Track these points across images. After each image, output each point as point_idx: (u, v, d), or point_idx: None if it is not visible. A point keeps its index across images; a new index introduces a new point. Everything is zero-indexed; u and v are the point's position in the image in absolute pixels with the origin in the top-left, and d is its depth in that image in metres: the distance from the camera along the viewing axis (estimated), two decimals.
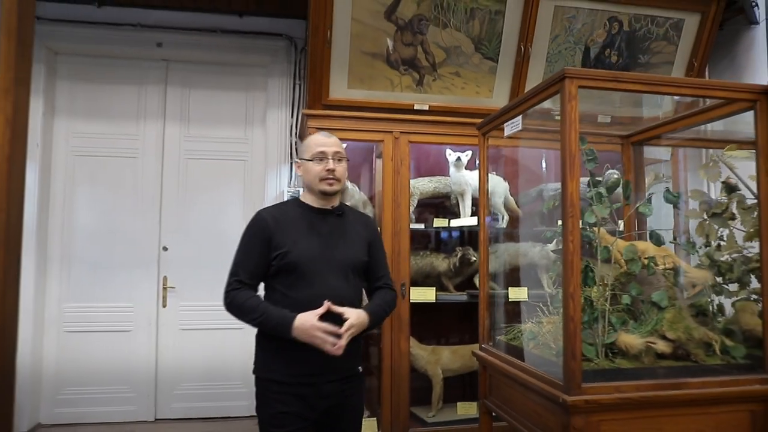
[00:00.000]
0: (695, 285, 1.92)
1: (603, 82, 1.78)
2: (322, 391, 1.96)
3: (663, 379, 1.76)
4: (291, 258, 1.92)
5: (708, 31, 3.86)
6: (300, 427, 1.96)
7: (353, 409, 2.09)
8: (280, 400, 1.95)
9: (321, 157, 2.01)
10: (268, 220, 1.99)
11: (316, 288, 1.91)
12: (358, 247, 2.05)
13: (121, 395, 4.05)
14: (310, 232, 1.98)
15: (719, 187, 2.19)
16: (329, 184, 2.01)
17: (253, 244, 1.99)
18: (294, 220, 2.00)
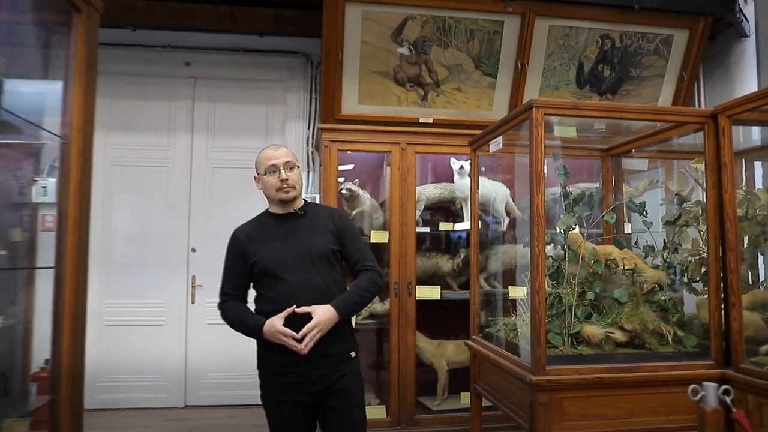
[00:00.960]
0: (647, 282, 2.21)
1: (566, 110, 2.09)
2: (311, 376, 2.06)
3: (618, 364, 2.05)
4: (261, 263, 2.11)
5: (696, 46, 4.10)
6: (297, 413, 2.10)
7: (348, 392, 2.13)
8: (277, 390, 2.11)
9: (273, 169, 2.16)
10: (240, 237, 2.21)
11: (288, 283, 2.06)
12: (322, 238, 2.16)
13: (154, 383, 4.45)
14: (275, 237, 2.15)
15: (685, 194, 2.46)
16: (285, 192, 2.15)
17: (232, 259, 2.22)
18: (262, 230, 2.20)
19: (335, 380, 2.10)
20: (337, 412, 2.11)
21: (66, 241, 1.68)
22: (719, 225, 2.14)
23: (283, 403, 2.10)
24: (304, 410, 2.11)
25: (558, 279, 2.25)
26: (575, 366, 2.03)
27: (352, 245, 2.22)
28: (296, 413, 2.10)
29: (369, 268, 2.21)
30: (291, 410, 2.09)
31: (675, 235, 2.32)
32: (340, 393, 2.10)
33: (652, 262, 2.29)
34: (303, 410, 2.10)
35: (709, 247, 2.15)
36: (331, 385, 2.09)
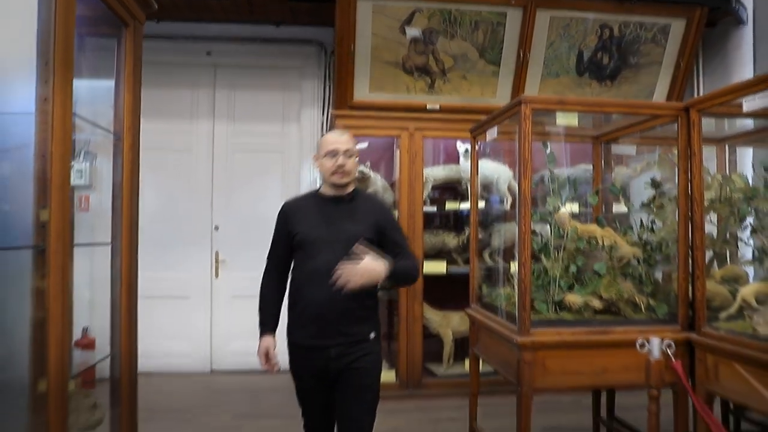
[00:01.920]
0: (623, 257, 2.48)
1: (551, 105, 2.35)
2: (330, 354, 2.13)
3: (594, 327, 2.34)
4: (299, 238, 2.20)
5: (693, 34, 4.28)
6: (314, 386, 2.21)
7: (364, 371, 2.18)
8: (299, 360, 2.22)
9: (333, 154, 2.21)
10: (287, 210, 2.32)
11: (320, 262, 2.11)
12: (363, 226, 2.20)
13: (182, 350, 4.84)
14: (319, 217, 2.23)
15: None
16: (340, 176, 2.21)
17: (277, 230, 2.33)
18: (308, 207, 2.28)
19: (353, 360, 2.15)
20: (351, 389, 2.16)
21: (121, 220, 2.00)
22: (688, 207, 2.40)
23: (304, 374, 2.22)
24: (323, 383, 2.19)
25: (545, 254, 2.54)
26: (557, 329, 2.32)
27: (393, 235, 2.26)
28: (315, 385, 2.20)
29: (409, 255, 2.26)
30: (311, 381, 2.20)
31: (650, 215, 2.59)
32: (356, 372, 2.16)
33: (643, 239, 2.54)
34: (321, 383, 2.19)
35: (678, 226, 2.42)
36: (348, 364, 2.15)
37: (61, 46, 1.45)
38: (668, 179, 2.64)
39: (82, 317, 3.84)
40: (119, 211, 2.02)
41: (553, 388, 2.33)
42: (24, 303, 1.44)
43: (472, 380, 3.01)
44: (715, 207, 2.57)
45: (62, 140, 1.46)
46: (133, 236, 2.05)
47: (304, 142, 4.91)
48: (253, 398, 4.20)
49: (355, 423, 2.15)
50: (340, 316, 2.14)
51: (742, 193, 2.39)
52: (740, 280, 2.66)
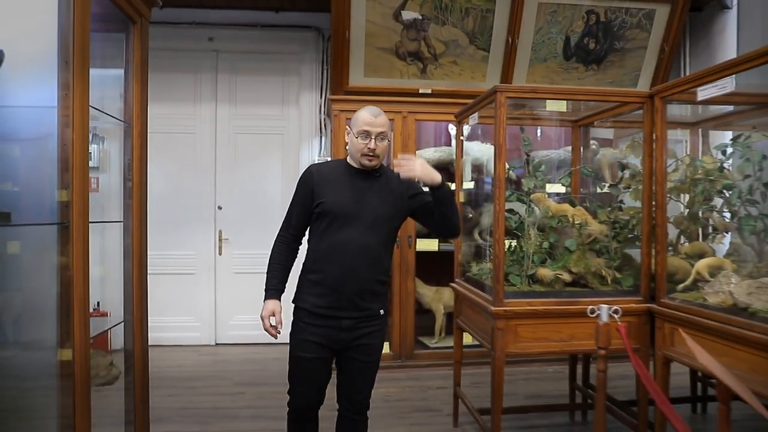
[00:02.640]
0: (591, 234, 2.69)
1: (525, 93, 2.54)
2: (342, 324, 2.15)
3: (563, 298, 2.56)
4: (325, 207, 2.14)
5: (677, 20, 4.43)
6: (320, 356, 2.18)
7: (372, 347, 2.23)
8: (307, 329, 2.18)
9: (365, 135, 2.13)
10: (314, 174, 2.23)
11: (343, 234, 2.13)
12: (388, 203, 2.19)
13: (188, 324, 5.10)
14: (347, 188, 2.17)
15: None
16: (369, 159, 2.15)
17: (299, 194, 2.25)
18: (336, 176, 2.21)
19: (363, 334, 2.19)
20: (357, 363, 2.21)
21: (132, 200, 2.21)
22: (652, 187, 2.60)
23: (307, 341, 2.18)
24: (326, 353, 2.20)
25: (521, 231, 2.75)
26: (528, 300, 2.54)
27: (427, 201, 2.23)
28: (317, 354, 2.18)
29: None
30: (313, 349, 2.18)
31: (619, 195, 2.80)
32: (365, 348, 2.20)
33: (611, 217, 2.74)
34: (324, 353, 2.19)
35: (643, 205, 2.62)
36: (358, 338, 2.18)
37: (79, 47, 1.65)
38: (624, 164, 2.83)
39: (94, 293, 4.10)
40: (130, 192, 2.24)
41: (524, 353, 2.56)
42: (51, 271, 1.66)
43: (456, 349, 3.25)
44: (682, 187, 2.76)
45: (81, 130, 1.67)
46: (143, 215, 2.28)
47: (303, 124, 5.11)
48: (254, 368, 4.46)
49: (358, 395, 2.24)
50: (358, 291, 2.15)
51: (705, 174, 2.58)
52: (706, 256, 2.87)
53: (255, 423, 3.31)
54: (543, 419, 3.36)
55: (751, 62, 2.00)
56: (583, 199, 3.13)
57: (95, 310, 4.15)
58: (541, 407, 3.25)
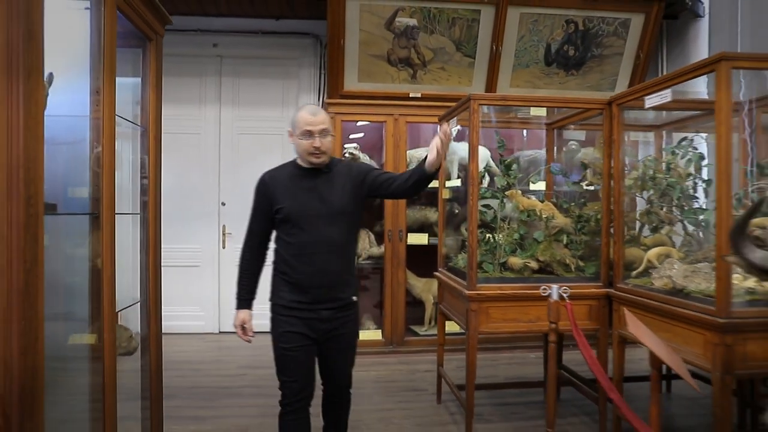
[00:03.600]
0: (555, 226, 2.99)
1: (496, 101, 2.84)
2: (321, 315, 2.24)
3: (530, 284, 2.87)
4: (284, 212, 2.23)
5: (651, 28, 4.73)
6: (303, 345, 2.25)
7: (348, 335, 2.35)
8: (286, 321, 2.25)
9: (308, 135, 2.20)
10: (268, 182, 2.33)
11: (308, 234, 2.21)
12: (345, 195, 2.27)
13: (193, 313, 5.42)
14: (301, 189, 2.26)
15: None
16: (316, 157, 2.23)
17: (257, 202, 2.38)
18: (289, 180, 2.30)
19: (340, 324, 2.29)
20: (337, 351, 2.33)
21: (148, 196, 2.53)
22: (610, 184, 2.91)
23: (290, 333, 2.25)
24: (309, 342, 2.27)
25: (494, 223, 3.06)
26: (499, 285, 2.86)
27: (380, 173, 2.34)
28: (301, 344, 2.25)
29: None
30: (296, 339, 2.24)
31: (579, 194, 3.11)
32: (342, 337, 2.32)
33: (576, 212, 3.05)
34: (307, 342, 2.26)
35: (602, 201, 2.93)
36: (335, 328, 2.28)
37: (108, 65, 1.96)
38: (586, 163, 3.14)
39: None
40: (146, 188, 2.55)
41: (495, 332, 2.88)
42: (84, 254, 1.98)
43: (439, 332, 3.56)
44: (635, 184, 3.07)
45: (109, 136, 1.98)
46: (157, 208, 2.60)
47: None
48: (255, 353, 4.76)
49: (340, 375, 2.40)
50: (330, 284, 2.24)
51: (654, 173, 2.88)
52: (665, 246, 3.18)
53: (255, 399, 3.63)
54: (520, 397, 3.67)
55: (685, 75, 2.31)
56: (558, 195, 3.44)
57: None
58: (516, 384, 3.56)
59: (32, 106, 1.44)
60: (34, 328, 1.45)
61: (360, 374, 4.12)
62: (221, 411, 3.48)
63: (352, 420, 2.63)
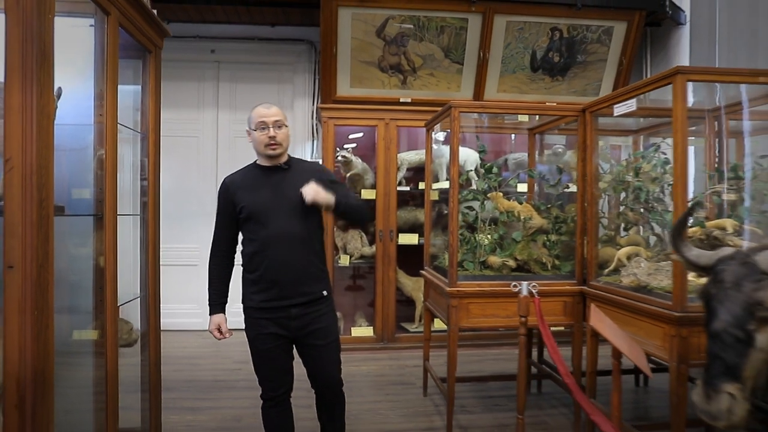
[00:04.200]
0: (532, 227, 3.16)
1: (475, 108, 3.01)
2: (290, 313, 2.27)
3: (508, 281, 3.04)
4: (247, 210, 2.29)
5: (633, 36, 4.90)
6: (277, 344, 2.30)
7: (325, 330, 2.34)
8: (258, 323, 2.32)
9: (263, 126, 2.29)
10: (229, 185, 2.39)
11: (270, 229, 2.26)
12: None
13: (192, 311, 5.59)
14: (261, 186, 2.31)
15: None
16: (272, 148, 2.29)
17: (221, 208, 2.43)
18: (249, 179, 2.36)
19: (312, 319, 2.30)
20: (316, 348, 2.32)
21: (148, 197, 2.70)
22: (584, 187, 3.08)
23: (263, 335, 2.31)
24: (283, 341, 2.32)
25: (476, 224, 3.23)
26: (478, 282, 3.03)
27: (335, 186, 2.37)
28: (275, 343, 2.30)
29: (355, 197, 2.52)
30: (270, 340, 2.30)
31: (554, 196, 3.28)
32: (319, 332, 2.32)
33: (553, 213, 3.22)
34: (281, 341, 2.31)
35: (578, 202, 3.11)
36: (308, 323, 2.29)
37: (111, 78, 2.13)
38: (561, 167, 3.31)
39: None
40: (146, 190, 2.72)
41: (475, 327, 3.05)
42: (89, 252, 2.15)
43: (426, 328, 3.73)
44: (607, 187, 3.24)
45: (112, 143, 2.15)
46: (156, 209, 2.77)
47: (296, 128, 5.58)
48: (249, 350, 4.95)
49: (327, 375, 2.37)
50: (299, 277, 2.27)
51: (623, 176, 3.05)
52: (640, 246, 3.35)
53: (250, 392, 3.79)
54: (503, 390, 3.85)
55: (647, 87, 2.48)
56: (540, 197, 3.62)
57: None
58: (499, 377, 3.73)
59: (44, 119, 1.61)
60: (45, 317, 1.62)
61: (351, 369, 4.30)
62: (216, 402, 3.65)
63: None
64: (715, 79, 2.40)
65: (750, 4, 4.35)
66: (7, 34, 1.55)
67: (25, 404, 1.57)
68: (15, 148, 1.55)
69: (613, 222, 3.29)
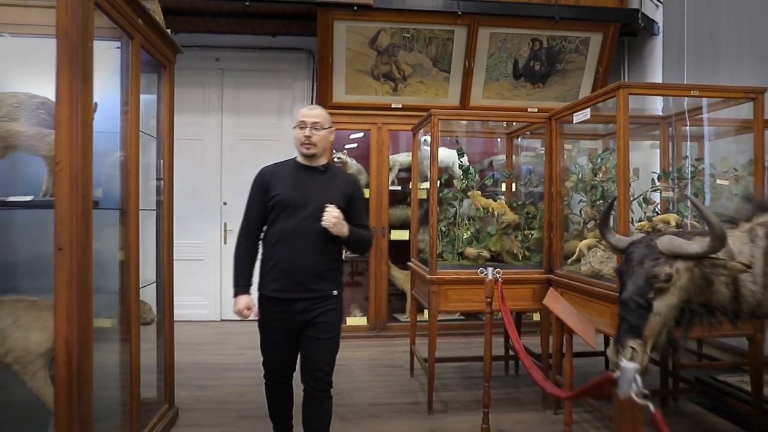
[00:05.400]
0: (504, 222, 3.53)
1: (452, 116, 3.38)
2: (296, 307, 2.35)
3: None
4: (278, 198, 2.38)
5: (608, 46, 5.27)
6: (283, 336, 2.41)
7: (327, 325, 2.41)
8: (268, 311, 2.43)
9: (302, 125, 2.40)
10: (266, 174, 2.49)
11: (293, 222, 2.35)
12: (333, 195, 2.40)
13: (197, 303, 5.96)
14: (296, 182, 2.42)
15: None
16: (306, 147, 2.40)
17: (255, 195, 2.50)
18: (286, 172, 2.46)
19: (318, 314, 2.38)
20: (315, 341, 2.38)
21: (163, 194, 3.07)
22: (551, 187, 3.45)
23: (271, 326, 2.43)
24: (290, 335, 2.41)
25: (455, 219, 3.61)
26: (455, 270, 3.40)
27: (357, 208, 2.52)
28: (283, 337, 2.41)
29: (366, 227, 2.57)
30: (279, 333, 2.41)
31: (529, 192, 3.66)
32: (321, 326, 2.38)
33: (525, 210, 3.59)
34: (288, 334, 2.41)
35: (545, 200, 3.48)
36: (314, 317, 2.37)
37: (134, 92, 2.51)
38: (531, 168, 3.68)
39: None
40: (161, 189, 3.10)
41: (453, 310, 3.42)
42: (116, 241, 2.53)
43: (411, 314, 4.10)
44: (571, 186, 3.61)
45: (135, 147, 2.52)
46: (170, 205, 3.15)
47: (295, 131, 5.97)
48: (252, 337, 5.26)
49: (319, 372, 2.40)
50: (307, 273, 2.35)
51: (580, 177, 3.42)
52: None
53: (252, 373, 4.16)
54: (482, 372, 4.21)
55: (596, 99, 2.86)
56: (517, 195, 3.99)
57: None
58: (475, 358, 4.09)
59: (86, 130, 1.98)
60: (86, 291, 2.00)
61: (346, 354, 4.66)
62: (222, 381, 4.02)
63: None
64: (652, 92, 2.76)
65: (713, 18, 4.72)
66: (58, 61, 1.92)
67: (72, 361, 1.95)
68: (64, 153, 1.93)
69: (578, 218, 3.66)
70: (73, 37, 1.93)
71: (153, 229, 3.16)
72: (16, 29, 2.53)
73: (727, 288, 1.87)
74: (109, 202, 2.46)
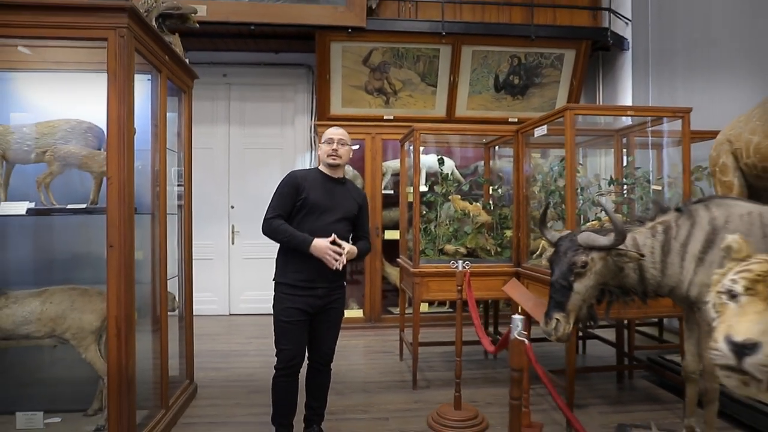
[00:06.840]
0: (478, 222, 4.04)
1: (432, 131, 3.90)
2: (317, 293, 2.72)
3: None
4: (307, 201, 2.71)
5: (581, 61, 5.78)
6: (301, 319, 2.71)
7: (337, 311, 2.86)
8: (288, 298, 2.71)
9: (329, 141, 2.81)
10: (298, 177, 2.80)
11: (319, 223, 2.72)
12: (350, 204, 2.84)
13: (206, 298, 6.47)
14: (323, 188, 2.78)
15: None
16: (333, 159, 2.80)
17: (287, 191, 2.76)
18: (313, 179, 2.80)
19: (332, 301, 2.80)
20: (326, 324, 2.82)
21: (183, 200, 3.59)
22: (519, 190, 3.97)
23: (291, 309, 2.71)
24: (306, 317, 2.74)
25: (436, 220, 4.12)
26: (436, 264, 3.91)
27: (362, 219, 2.94)
28: (301, 319, 2.72)
29: (367, 239, 2.98)
30: (296, 314, 2.71)
31: (501, 196, 4.17)
32: (332, 311, 2.82)
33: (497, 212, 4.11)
34: (304, 316, 2.73)
35: (514, 203, 3.99)
36: (328, 303, 2.78)
37: (162, 117, 3.03)
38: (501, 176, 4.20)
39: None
40: (182, 194, 3.62)
41: (434, 299, 3.93)
42: (147, 240, 3.05)
43: (401, 305, 4.62)
44: (537, 190, 4.12)
45: (163, 162, 3.04)
46: (190, 209, 3.67)
47: (297, 141, 6.50)
48: (259, 328, 5.85)
49: (326, 349, 2.88)
50: (329, 267, 2.68)
51: (544, 183, 3.94)
52: None
53: (261, 358, 4.69)
54: (467, 356, 4.71)
55: (549, 119, 3.37)
56: (493, 198, 4.50)
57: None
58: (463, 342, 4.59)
59: (129, 152, 2.51)
60: (131, 280, 2.52)
61: (343, 343, 5.15)
62: (233, 364, 4.55)
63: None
64: (595, 113, 3.28)
65: (670, 37, 5.23)
66: (109, 97, 2.44)
67: (121, 334, 2.47)
68: (114, 170, 2.45)
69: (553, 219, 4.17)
70: (120, 79, 2.46)
71: (174, 230, 3.67)
72: (62, 66, 3.06)
73: (634, 272, 2.39)
74: (141, 207, 2.98)
